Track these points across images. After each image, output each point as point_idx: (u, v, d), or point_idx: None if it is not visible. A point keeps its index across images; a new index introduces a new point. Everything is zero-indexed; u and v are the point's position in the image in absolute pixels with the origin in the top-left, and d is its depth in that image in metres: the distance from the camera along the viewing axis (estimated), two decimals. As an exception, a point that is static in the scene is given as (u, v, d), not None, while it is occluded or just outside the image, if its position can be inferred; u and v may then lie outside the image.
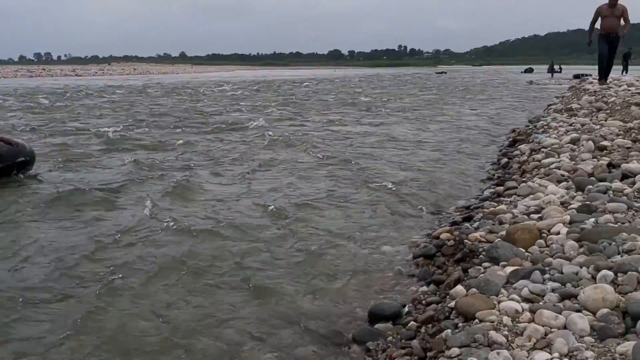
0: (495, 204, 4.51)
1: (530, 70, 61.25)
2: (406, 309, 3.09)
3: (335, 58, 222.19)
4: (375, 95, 23.04)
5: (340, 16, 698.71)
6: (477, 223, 4.04)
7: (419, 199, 5.62)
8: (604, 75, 11.53)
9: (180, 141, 9.30)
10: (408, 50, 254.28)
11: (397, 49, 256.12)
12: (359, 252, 4.17)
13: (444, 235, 3.99)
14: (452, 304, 2.58)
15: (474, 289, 2.59)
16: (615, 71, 15.20)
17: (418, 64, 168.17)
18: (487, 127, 11.66)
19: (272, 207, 5.15)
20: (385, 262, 3.99)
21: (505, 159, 6.93)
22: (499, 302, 2.41)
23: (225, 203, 5.42)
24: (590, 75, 21.05)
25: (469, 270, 3.06)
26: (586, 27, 11.22)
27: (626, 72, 24.36)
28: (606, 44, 10.91)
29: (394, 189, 5.95)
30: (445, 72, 66.16)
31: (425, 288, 3.31)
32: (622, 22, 10.80)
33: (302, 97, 22.55)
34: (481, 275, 2.84)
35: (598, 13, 10.81)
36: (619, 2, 10.65)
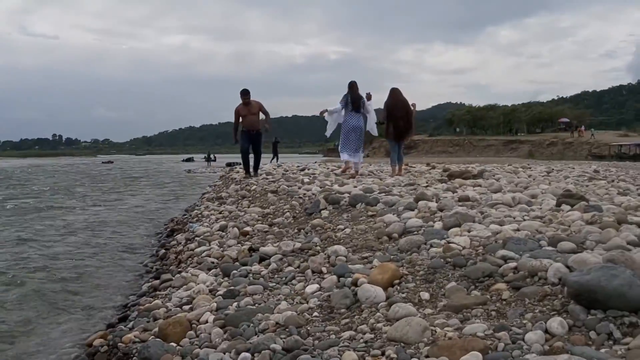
0: (152, 299, 4.46)
1: (191, 160, 65.12)
2: None
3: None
4: (42, 186, 21.37)
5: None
6: (133, 322, 3.93)
7: (73, 302, 5.20)
8: (250, 169, 11.88)
9: None
10: (64, 139, 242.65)
11: (51, 138, 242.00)
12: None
13: (97, 342, 3.73)
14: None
15: (122, 398, 2.49)
16: (265, 158, 16.74)
17: (76, 154, 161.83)
18: (150, 215, 11.74)
19: None
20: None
21: (163, 250, 6.98)
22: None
23: None
24: (240, 164, 23.18)
25: (121, 377, 2.95)
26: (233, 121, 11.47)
27: (277, 160, 27.24)
28: (248, 140, 11.44)
29: (42, 289, 5.42)
30: (112, 162, 65.73)
31: (75, 406, 3.03)
32: (262, 116, 11.42)
33: None
34: (133, 380, 2.77)
35: (237, 112, 11.27)
36: (252, 98, 11.19)
